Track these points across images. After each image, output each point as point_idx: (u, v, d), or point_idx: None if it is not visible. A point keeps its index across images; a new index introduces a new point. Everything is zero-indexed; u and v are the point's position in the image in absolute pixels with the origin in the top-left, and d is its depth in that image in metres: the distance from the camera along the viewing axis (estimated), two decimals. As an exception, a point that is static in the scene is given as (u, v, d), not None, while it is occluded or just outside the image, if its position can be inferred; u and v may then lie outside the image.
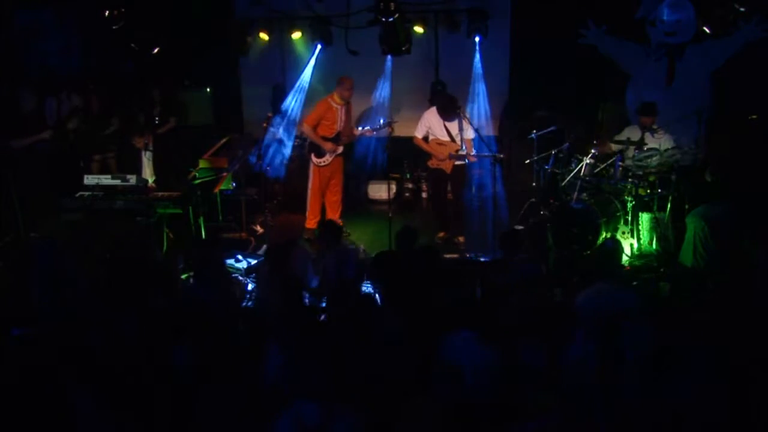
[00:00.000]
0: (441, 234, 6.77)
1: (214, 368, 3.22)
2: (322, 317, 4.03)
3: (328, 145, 6.63)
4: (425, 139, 6.63)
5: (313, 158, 6.74)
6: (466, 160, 6.62)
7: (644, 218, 6.11)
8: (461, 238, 6.67)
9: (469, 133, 6.46)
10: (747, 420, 2.64)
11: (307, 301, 4.46)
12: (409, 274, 4.16)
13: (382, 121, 6.79)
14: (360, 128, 7.01)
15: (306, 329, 3.35)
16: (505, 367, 2.60)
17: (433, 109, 6.58)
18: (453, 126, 6.42)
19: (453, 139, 6.44)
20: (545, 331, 3.60)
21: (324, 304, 4.43)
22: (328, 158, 6.70)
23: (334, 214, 6.94)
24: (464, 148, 6.43)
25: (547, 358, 3.28)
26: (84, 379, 2.86)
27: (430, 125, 6.53)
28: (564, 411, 2.44)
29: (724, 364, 2.63)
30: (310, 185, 6.87)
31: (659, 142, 6.26)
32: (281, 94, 8.35)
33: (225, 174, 6.66)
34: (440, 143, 6.53)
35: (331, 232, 4.94)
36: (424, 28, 7.93)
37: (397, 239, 4.80)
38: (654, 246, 6.05)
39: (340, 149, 6.74)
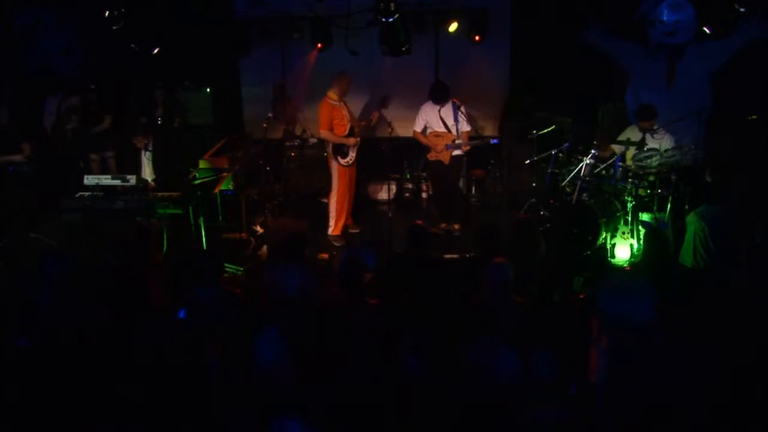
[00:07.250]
0: (442, 225, 6.86)
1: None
2: None
3: (351, 140, 6.63)
4: (423, 133, 6.75)
5: (340, 160, 6.66)
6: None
7: (644, 218, 6.10)
8: (457, 225, 6.77)
9: (465, 126, 6.56)
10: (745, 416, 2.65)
11: None
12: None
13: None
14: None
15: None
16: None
17: (428, 102, 6.68)
18: (448, 115, 6.52)
19: (449, 130, 6.52)
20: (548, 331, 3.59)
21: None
22: (352, 155, 6.71)
23: (348, 216, 6.94)
24: (460, 138, 6.51)
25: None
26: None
27: (427, 117, 6.67)
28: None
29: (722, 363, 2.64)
30: (337, 189, 6.71)
31: (659, 142, 6.26)
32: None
33: (225, 174, 6.65)
34: (437, 135, 6.63)
35: (293, 246, 4.56)
36: (424, 28, 7.92)
37: (409, 238, 4.73)
38: (654, 246, 6.03)
39: (359, 141, 6.73)
